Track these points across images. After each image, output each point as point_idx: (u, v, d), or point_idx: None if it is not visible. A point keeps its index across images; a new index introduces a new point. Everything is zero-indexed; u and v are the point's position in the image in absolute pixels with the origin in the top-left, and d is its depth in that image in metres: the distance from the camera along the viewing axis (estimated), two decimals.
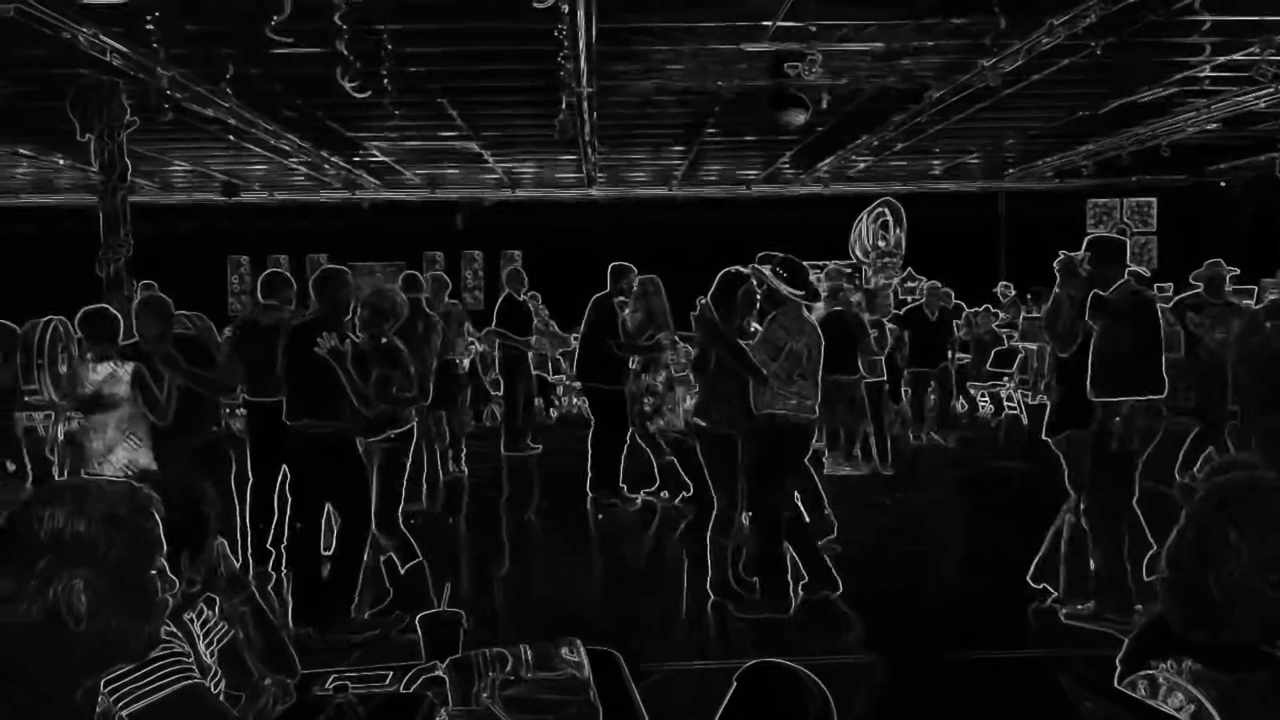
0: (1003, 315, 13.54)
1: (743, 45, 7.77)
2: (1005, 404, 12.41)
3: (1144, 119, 11.21)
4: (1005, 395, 12.48)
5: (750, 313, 5.54)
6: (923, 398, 10.82)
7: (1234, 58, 8.44)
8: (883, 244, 15.20)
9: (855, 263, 14.90)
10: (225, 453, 5.90)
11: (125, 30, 6.76)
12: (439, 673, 2.30)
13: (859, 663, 4.70)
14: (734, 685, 2.04)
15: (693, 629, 5.39)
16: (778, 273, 5.36)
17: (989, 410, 12.39)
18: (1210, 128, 11.24)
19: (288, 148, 11.23)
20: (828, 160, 13.52)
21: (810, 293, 5.52)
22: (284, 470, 6.17)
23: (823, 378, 5.52)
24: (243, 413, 11.07)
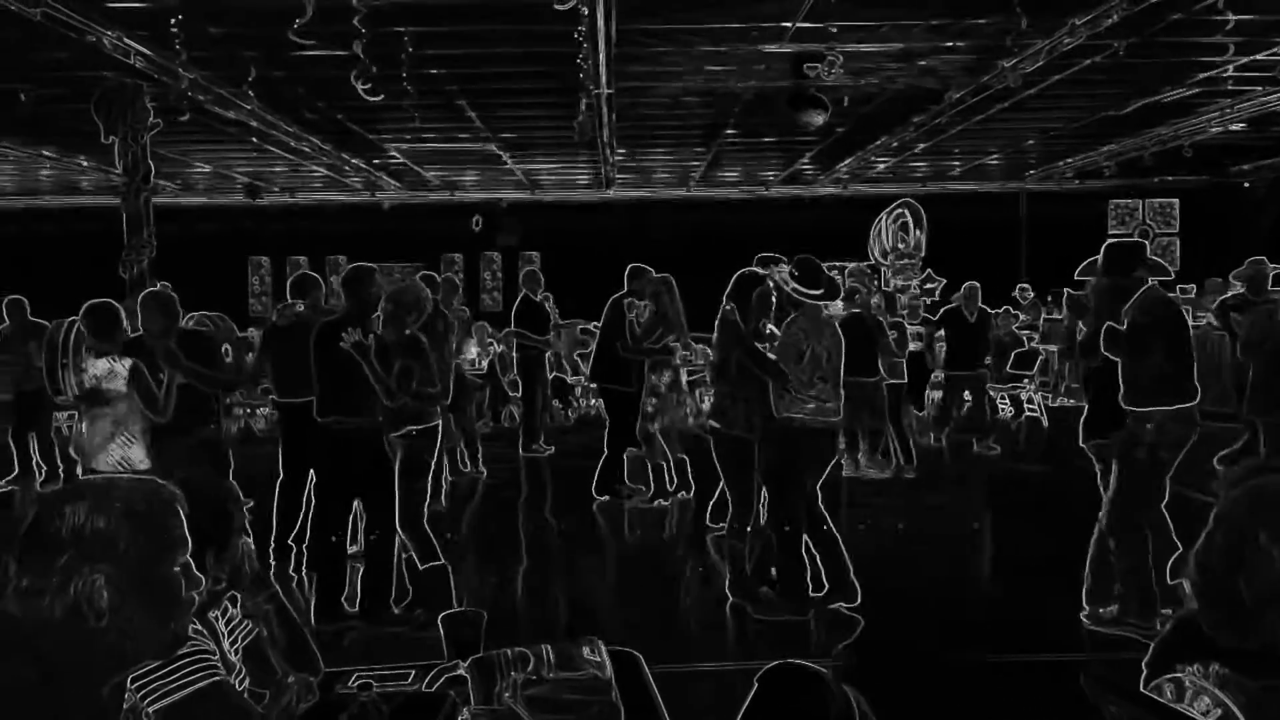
0: (1023, 317, 13.45)
1: (762, 46, 7.77)
2: (1025, 406, 12.33)
3: (1166, 119, 11.14)
4: (1025, 398, 12.40)
5: (766, 314, 5.44)
6: (954, 401, 10.54)
7: (1257, 57, 8.38)
8: (902, 245, 15.12)
9: (874, 264, 14.83)
10: (224, 452, 5.85)
11: (149, 33, 6.82)
12: (461, 672, 2.30)
13: (879, 665, 4.68)
14: (755, 686, 2.04)
15: (711, 630, 5.36)
16: (792, 274, 5.29)
17: (1009, 412, 12.31)
18: (1233, 128, 11.17)
19: (308, 149, 11.30)
20: (847, 161, 13.49)
21: (829, 290, 5.38)
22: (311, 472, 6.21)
23: (844, 380, 5.45)
24: (264, 412, 11.26)
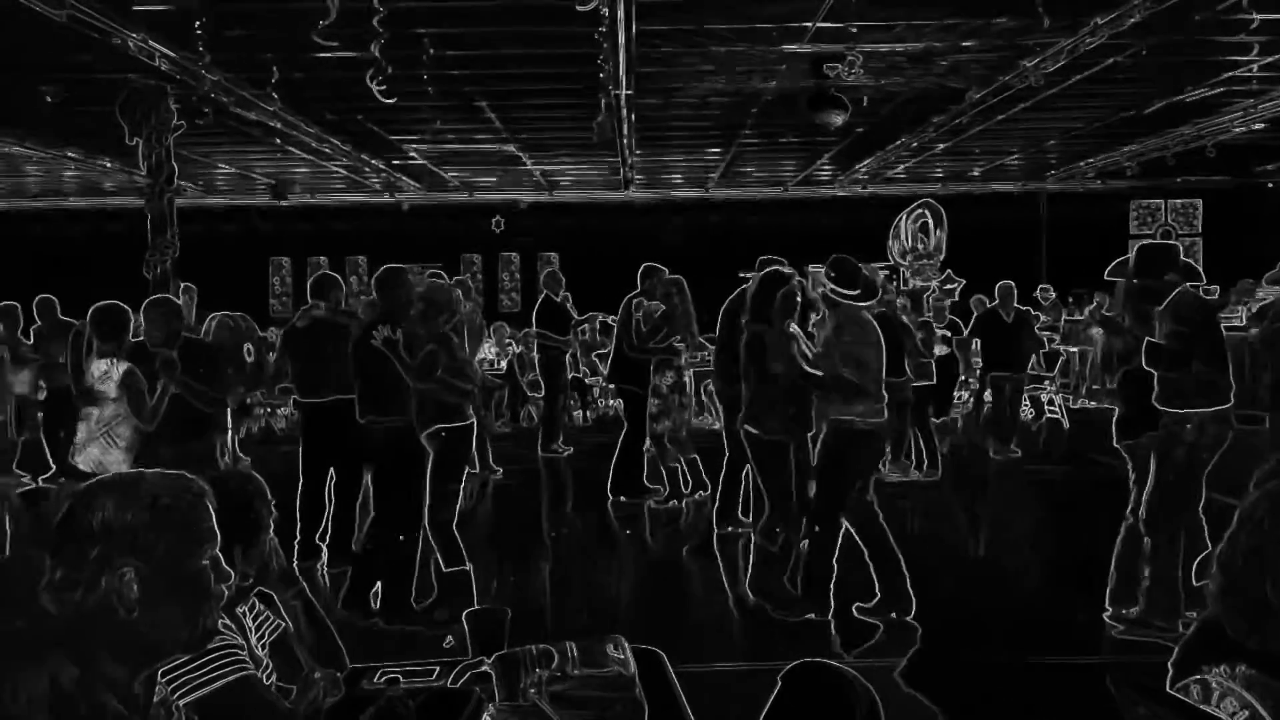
0: (1044, 318, 13.37)
1: (781, 47, 7.76)
2: (1046, 408, 12.27)
3: (1189, 119, 11.04)
4: (1046, 399, 12.34)
5: (791, 315, 5.34)
6: (1002, 402, 10.07)
7: None
8: (922, 246, 15.05)
9: (893, 264, 14.77)
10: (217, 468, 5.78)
11: (173, 35, 6.88)
12: (486, 668, 2.32)
13: (904, 666, 4.67)
14: (779, 685, 2.03)
15: (732, 629, 5.37)
16: (828, 274, 5.18)
17: (1030, 414, 12.24)
18: (1257, 128, 11.07)
19: (329, 150, 11.36)
20: (867, 161, 13.45)
21: (866, 291, 5.22)
22: (331, 471, 6.25)
23: None
24: (285, 412, 11.34)
